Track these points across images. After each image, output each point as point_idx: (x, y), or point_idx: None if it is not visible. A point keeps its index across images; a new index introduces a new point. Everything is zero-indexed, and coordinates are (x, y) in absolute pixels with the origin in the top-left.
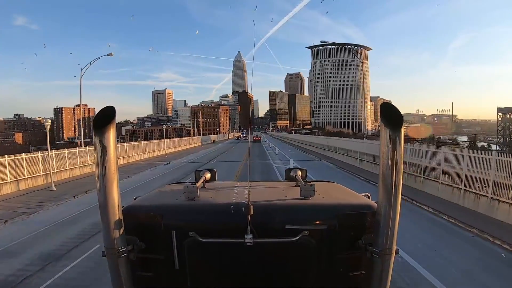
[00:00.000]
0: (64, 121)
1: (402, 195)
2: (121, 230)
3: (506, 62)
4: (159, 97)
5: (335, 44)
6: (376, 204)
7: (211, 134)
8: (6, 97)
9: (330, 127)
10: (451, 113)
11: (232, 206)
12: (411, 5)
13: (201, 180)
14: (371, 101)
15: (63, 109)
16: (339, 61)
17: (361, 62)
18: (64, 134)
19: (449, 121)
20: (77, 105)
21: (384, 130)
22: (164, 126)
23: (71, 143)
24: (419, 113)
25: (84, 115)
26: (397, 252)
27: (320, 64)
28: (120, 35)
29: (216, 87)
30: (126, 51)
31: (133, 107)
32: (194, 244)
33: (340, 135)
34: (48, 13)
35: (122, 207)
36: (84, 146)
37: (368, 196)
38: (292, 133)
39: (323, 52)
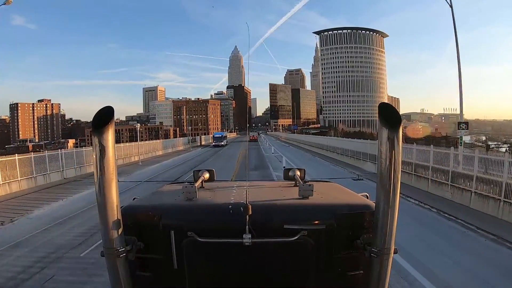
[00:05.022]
0: (20, 119)
1: None
2: (120, 230)
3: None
4: (150, 94)
5: (346, 28)
6: (374, 204)
7: (201, 134)
8: None
9: (344, 126)
10: (456, 113)
11: (230, 206)
12: (411, 3)
13: (200, 180)
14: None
15: (19, 104)
16: (352, 49)
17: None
18: (21, 134)
19: (458, 120)
20: (39, 101)
21: (382, 130)
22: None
23: (23, 147)
24: (425, 112)
25: (46, 113)
26: (395, 252)
27: (329, 52)
28: (119, 35)
29: (214, 87)
30: (125, 51)
31: (130, 107)
32: (192, 244)
33: (363, 136)
34: (46, 12)
35: (121, 207)
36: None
37: (367, 196)
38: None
39: (333, 38)
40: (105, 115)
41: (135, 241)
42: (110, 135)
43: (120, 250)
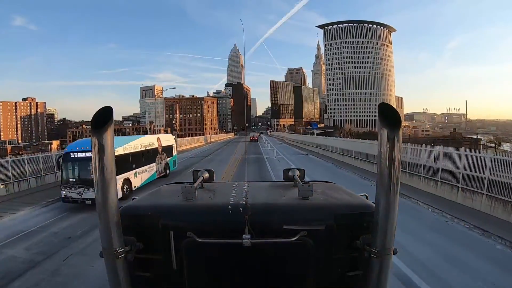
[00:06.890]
0: (2, 119)
1: None
2: (119, 231)
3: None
4: (147, 94)
5: (351, 21)
6: (374, 205)
7: (197, 135)
8: None
9: (352, 126)
10: (459, 112)
11: (230, 207)
12: (413, 3)
13: (199, 180)
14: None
15: (1, 103)
16: (358, 43)
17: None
18: (2, 135)
19: (461, 120)
20: (24, 99)
21: (382, 130)
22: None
23: (1, 149)
24: (427, 111)
25: (31, 112)
26: (395, 252)
27: (334, 47)
28: (120, 36)
29: (214, 87)
30: (125, 52)
31: (128, 107)
32: (192, 245)
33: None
34: (47, 13)
35: (120, 207)
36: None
37: (366, 196)
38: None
39: (337, 33)
40: (104, 115)
41: (134, 242)
42: (109, 135)
43: (119, 251)
